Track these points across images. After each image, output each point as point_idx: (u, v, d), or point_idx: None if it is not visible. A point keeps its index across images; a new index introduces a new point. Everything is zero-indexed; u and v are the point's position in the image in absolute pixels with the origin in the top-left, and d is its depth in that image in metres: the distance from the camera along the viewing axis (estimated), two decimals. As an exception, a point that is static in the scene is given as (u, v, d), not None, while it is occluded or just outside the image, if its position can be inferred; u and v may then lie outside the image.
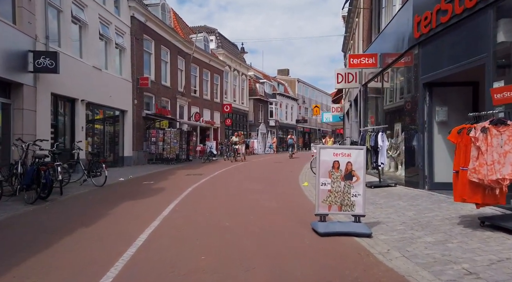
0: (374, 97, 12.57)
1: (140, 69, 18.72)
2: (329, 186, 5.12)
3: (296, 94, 52.45)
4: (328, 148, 5.28)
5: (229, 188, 9.96)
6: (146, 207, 7.17)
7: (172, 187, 10.11)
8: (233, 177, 12.99)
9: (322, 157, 5.14)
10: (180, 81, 24.28)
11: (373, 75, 12.07)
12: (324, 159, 5.14)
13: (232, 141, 21.80)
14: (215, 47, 31.24)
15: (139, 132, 18.58)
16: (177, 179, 12.25)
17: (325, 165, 5.13)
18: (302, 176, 12.89)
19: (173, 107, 22.79)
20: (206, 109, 28.16)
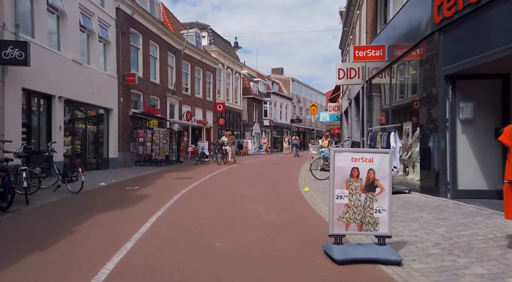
0: (379, 95, 11.60)
1: (127, 65, 17.54)
2: (347, 199, 4.07)
3: (290, 93, 51.50)
4: (344, 151, 4.22)
5: (222, 194, 8.88)
6: (122, 221, 6.06)
7: (157, 194, 9.00)
8: (226, 180, 11.91)
9: (337, 163, 4.09)
10: (171, 78, 23.12)
11: (378, 70, 11.09)
12: (340, 166, 4.09)
13: (221, 141, 19.76)
14: (208, 44, 30.11)
15: (125, 132, 17.40)
16: (165, 184, 11.13)
17: (341, 172, 4.09)
18: (301, 180, 11.86)
19: (163, 106, 21.63)
20: (198, 108, 27.02)
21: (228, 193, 9.03)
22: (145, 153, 17.95)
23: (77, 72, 13.37)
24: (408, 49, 8.28)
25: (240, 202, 7.73)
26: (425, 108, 7.33)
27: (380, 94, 11.51)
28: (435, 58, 6.84)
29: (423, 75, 7.35)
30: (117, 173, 14.40)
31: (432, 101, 7.01)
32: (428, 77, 7.17)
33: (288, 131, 50.09)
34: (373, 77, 11.43)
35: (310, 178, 12.12)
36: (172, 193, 8.88)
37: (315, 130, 62.31)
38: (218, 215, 6.40)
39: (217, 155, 18.64)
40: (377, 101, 11.67)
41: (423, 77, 7.38)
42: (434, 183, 6.98)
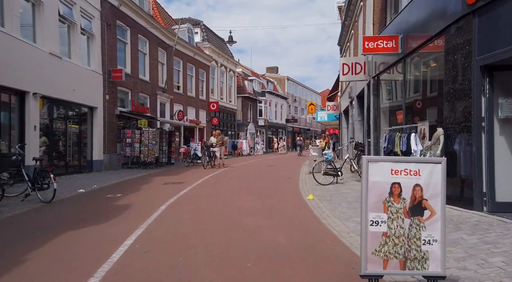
0: (389, 92, 10.59)
1: (113, 60, 16.33)
2: (385, 227, 3.00)
3: (286, 92, 50.48)
4: (381, 161, 3.11)
5: (215, 204, 7.76)
6: (93, 243, 4.92)
7: (141, 204, 7.85)
8: (221, 186, 10.79)
9: (372, 176, 3.00)
10: (162, 76, 21.92)
11: (386, 65, 10.07)
12: (376, 180, 3.00)
13: (209, 142, 17.65)
14: (201, 40, 28.94)
15: (111, 133, 16.19)
16: (152, 190, 9.98)
17: (377, 189, 3.00)
18: (302, 185, 10.79)
19: (153, 104, 20.42)
20: (191, 107, 25.84)
21: (223, 203, 7.91)
22: (133, 154, 16.75)
23: (56, 66, 12.15)
24: (428, 39, 7.24)
25: (237, 215, 6.61)
26: (451, 105, 6.29)
27: (390, 91, 10.50)
28: (467, 46, 5.80)
29: (450, 66, 6.30)
30: (101, 176, 13.20)
31: (462, 97, 5.97)
32: (456, 69, 6.12)
33: (283, 131, 49.07)
34: (381, 73, 10.40)
35: (311, 183, 11.05)
36: (158, 203, 7.74)
37: (311, 130, 61.36)
38: (211, 234, 5.29)
39: (204, 158, 16.87)
40: (385, 99, 10.65)
41: (449, 70, 6.33)
42: (463, 192, 5.95)
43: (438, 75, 7.00)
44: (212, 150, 16.79)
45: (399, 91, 9.53)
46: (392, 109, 10.26)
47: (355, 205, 7.14)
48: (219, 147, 16.90)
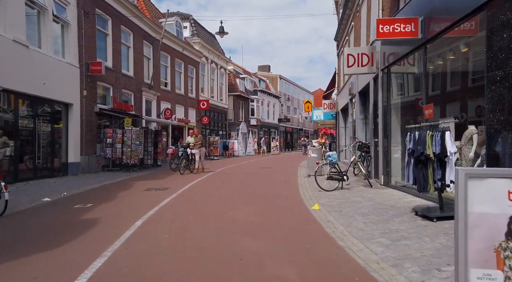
0: (401, 85, 9.39)
1: (92, 52, 14.83)
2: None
3: (278, 91, 49.25)
4: (491, 176, 1.81)
5: (204, 219, 6.40)
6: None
7: (114, 217, 6.47)
8: (211, 192, 9.44)
9: (476, 205, 1.71)
10: (147, 71, 20.45)
11: (396, 57, 8.85)
12: (483, 212, 1.71)
13: (185, 143, 14.85)
14: (190, 35, 27.51)
15: (90, 132, 14.69)
16: (130, 198, 8.57)
17: (485, 228, 1.71)
18: (303, 190, 9.51)
19: (138, 102, 18.95)
20: (179, 105, 24.40)
21: (213, 216, 6.56)
22: (114, 156, 15.27)
23: (22, 56, 10.66)
24: (459, 19, 6.01)
25: (231, 234, 5.28)
26: (497, 97, 5.06)
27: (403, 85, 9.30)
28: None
29: (496, 49, 5.07)
30: (76, 181, 11.73)
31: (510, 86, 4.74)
32: (504, 52, 4.90)
33: (275, 131, 47.85)
34: (392, 64, 9.16)
35: (312, 188, 9.80)
36: (134, 216, 6.37)
37: (303, 130, 60.29)
38: (194, 269, 3.94)
39: (181, 161, 13.97)
40: (397, 93, 9.43)
41: (494, 53, 5.10)
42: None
43: (472, 63, 5.78)
44: (191, 152, 14.29)
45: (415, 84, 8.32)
46: (407, 105, 9.06)
47: (373, 219, 5.88)
48: (198, 149, 14.36)
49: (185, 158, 14.16)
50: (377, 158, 10.86)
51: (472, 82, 6.97)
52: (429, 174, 5.16)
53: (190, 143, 14.31)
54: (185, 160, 14.10)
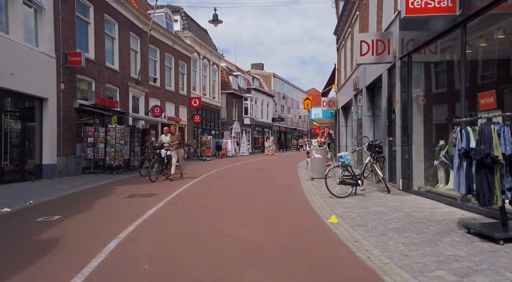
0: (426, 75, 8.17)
1: (70, 41, 13.34)
2: None
3: (272, 90, 47.99)
4: None
5: (196, 240, 5.04)
6: None
7: (80, 237, 5.09)
8: (205, 201, 8.09)
9: None
10: (135, 65, 18.99)
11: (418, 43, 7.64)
12: None
13: (158, 144, 11.84)
14: (181, 29, 26.07)
15: (69, 130, 13.21)
16: (107, 209, 7.17)
17: None
18: (311, 197, 8.22)
19: (124, 98, 17.48)
20: (170, 103, 22.96)
21: (208, 234, 5.21)
22: (96, 157, 13.80)
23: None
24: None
25: (233, 264, 3.94)
26: None
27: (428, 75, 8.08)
28: None
29: None
30: (49, 186, 10.28)
31: None
32: None
33: (269, 131, 46.58)
34: (415, 51, 7.91)
35: (321, 193, 8.54)
36: (109, 234, 5.01)
37: (297, 129, 59.15)
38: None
39: (152, 165, 11.21)
40: (419, 86, 8.20)
41: None
42: None
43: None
44: (166, 154, 11.37)
45: (446, 74, 7.09)
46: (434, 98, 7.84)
47: (413, 238, 4.61)
48: (175, 150, 11.38)
49: (158, 162, 11.36)
50: (392, 159, 9.64)
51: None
52: (495, 182, 3.90)
53: (164, 142, 11.48)
54: (158, 164, 11.37)
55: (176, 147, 11.47)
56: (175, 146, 11.43)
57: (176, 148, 11.47)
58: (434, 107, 8.03)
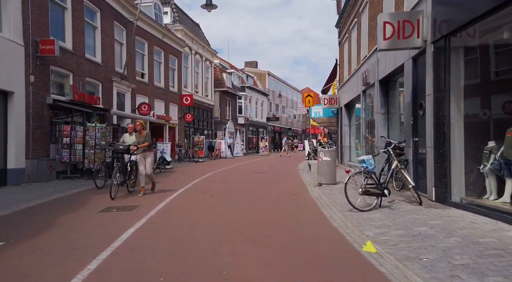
0: (472, 61, 6.73)
1: (43, 28, 11.66)
2: None
3: (266, 89, 46.49)
4: None
5: (193, 273, 3.50)
6: None
7: (17, 280, 3.51)
8: (196, 217, 6.53)
9: None
10: (120, 59, 17.34)
11: (458, 23, 6.20)
12: None
13: (120, 145, 8.69)
14: (171, 21, 24.42)
15: (40, 129, 11.53)
16: (71, 229, 5.56)
17: None
18: (327, 210, 6.71)
19: (107, 93, 15.81)
20: (159, 100, 21.32)
21: (204, 274, 3.66)
22: (73, 159, 12.13)
23: None
24: None
25: None
26: None
27: (473, 62, 6.63)
28: None
29: None
30: (11, 195, 8.63)
31: None
32: None
33: (264, 131, 45.08)
34: (463, 28, 6.42)
35: (335, 203, 7.08)
36: (60, 277, 3.44)
37: (292, 129, 57.77)
38: None
39: (114, 175, 8.19)
40: (457, 73, 6.74)
41: None
42: None
43: None
44: (130, 160, 8.86)
45: (497, 59, 5.64)
46: (483, 89, 6.39)
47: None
48: (142, 153, 8.49)
49: (120, 171, 8.37)
50: (418, 162, 8.20)
51: None
52: None
53: (127, 143, 8.56)
54: (120, 174, 8.37)
55: (143, 150, 8.50)
56: (142, 148, 8.47)
57: (143, 150, 8.50)
58: (479, 101, 6.60)
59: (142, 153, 8.54)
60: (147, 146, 8.56)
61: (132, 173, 9.16)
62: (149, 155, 8.63)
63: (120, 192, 8.40)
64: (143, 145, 8.49)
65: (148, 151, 8.64)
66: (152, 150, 8.76)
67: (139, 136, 8.66)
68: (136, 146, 8.45)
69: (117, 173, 8.28)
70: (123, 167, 8.68)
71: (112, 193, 7.89)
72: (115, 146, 8.76)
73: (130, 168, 8.94)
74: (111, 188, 7.93)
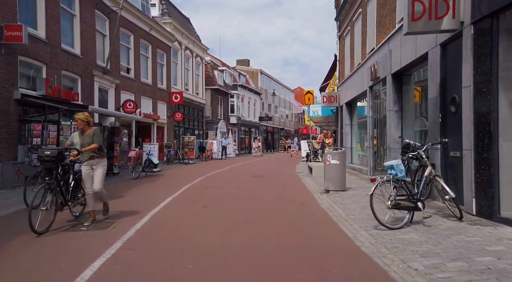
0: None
1: (9, 12, 10.16)
2: None
3: (259, 87, 45.19)
4: None
5: None
6: None
7: None
8: (188, 238, 5.18)
9: None
10: (103, 51, 15.84)
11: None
12: None
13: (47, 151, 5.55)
14: (159, 14, 22.93)
15: (6, 128, 10.03)
16: (7, 262, 4.15)
17: None
18: (345, 225, 5.43)
19: (87, 89, 14.32)
20: (146, 97, 19.83)
21: None
22: (45, 163, 10.59)
23: None
24: None
25: None
26: None
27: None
28: None
29: None
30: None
31: None
32: None
33: (256, 131, 43.76)
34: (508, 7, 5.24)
35: (354, 217, 5.80)
36: None
37: (285, 129, 56.58)
38: None
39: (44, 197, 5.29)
40: (508, 59, 5.52)
41: None
42: None
43: None
44: (73, 170, 6.25)
45: None
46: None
47: None
48: (88, 162, 5.83)
49: (52, 188, 5.42)
50: (448, 168, 6.97)
51: None
52: None
53: (75, 144, 5.86)
54: (51, 193, 5.41)
55: (89, 156, 5.79)
56: (87, 154, 5.74)
57: (89, 157, 5.80)
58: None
59: (88, 161, 5.81)
60: (93, 150, 5.74)
61: (77, 190, 6.18)
62: (100, 164, 5.90)
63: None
64: (89, 148, 5.68)
65: (98, 157, 5.87)
66: (104, 156, 6.04)
67: (83, 136, 5.83)
68: (78, 151, 5.65)
69: (46, 193, 5.31)
70: (63, 182, 5.75)
71: (37, 226, 5.05)
72: (39, 152, 5.66)
73: (73, 183, 5.99)
74: (29, 216, 4.96)
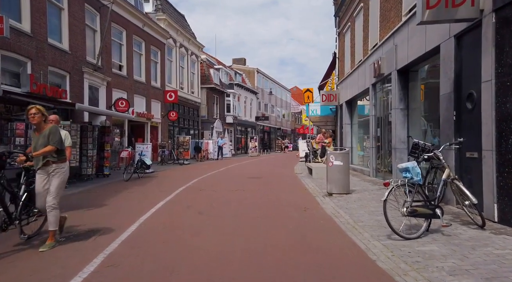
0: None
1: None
2: None
3: (256, 86, 44.60)
4: None
5: None
6: None
7: None
8: (181, 254, 4.58)
9: None
10: (93, 47, 15.17)
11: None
12: None
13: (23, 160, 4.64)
14: (153, 10, 22.27)
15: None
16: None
17: None
18: (355, 234, 4.88)
19: (76, 86, 13.65)
20: (139, 96, 19.17)
21: None
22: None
23: None
24: None
25: None
26: None
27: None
28: None
29: None
30: None
31: None
32: None
33: (253, 131, 43.17)
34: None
35: (363, 224, 5.24)
36: None
37: (281, 129, 56.03)
38: None
39: None
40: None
41: None
42: None
43: None
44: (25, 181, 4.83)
45: None
46: None
47: None
48: (44, 168, 4.48)
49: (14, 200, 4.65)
50: (463, 170, 6.43)
51: None
52: None
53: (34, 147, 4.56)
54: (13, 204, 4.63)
55: (44, 161, 4.50)
56: (40, 158, 4.48)
57: (44, 163, 4.50)
58: None
59: (43, 168, 4.51)
60: (49, 153, 4.44)
61: (31, 204, 4.81)
62: (58, 172, 4.55)
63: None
64: (41, 151, 4.38)
65: (56, 162, 4.54)
66: (64, 160, 4.68)
67: (37, 136, 4.55)
68: (25, 155, 4.67)
69: None
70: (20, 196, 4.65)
71: None
72: None
73: (26, 194, 4.70)
74: None
